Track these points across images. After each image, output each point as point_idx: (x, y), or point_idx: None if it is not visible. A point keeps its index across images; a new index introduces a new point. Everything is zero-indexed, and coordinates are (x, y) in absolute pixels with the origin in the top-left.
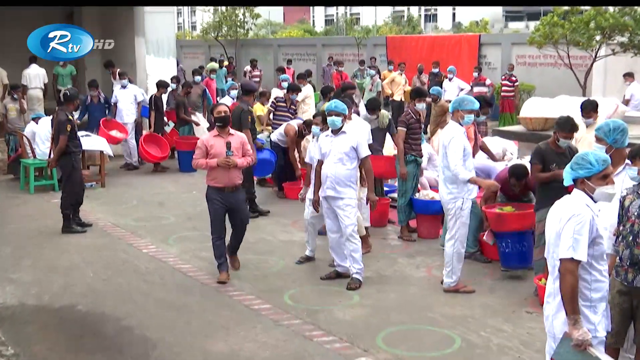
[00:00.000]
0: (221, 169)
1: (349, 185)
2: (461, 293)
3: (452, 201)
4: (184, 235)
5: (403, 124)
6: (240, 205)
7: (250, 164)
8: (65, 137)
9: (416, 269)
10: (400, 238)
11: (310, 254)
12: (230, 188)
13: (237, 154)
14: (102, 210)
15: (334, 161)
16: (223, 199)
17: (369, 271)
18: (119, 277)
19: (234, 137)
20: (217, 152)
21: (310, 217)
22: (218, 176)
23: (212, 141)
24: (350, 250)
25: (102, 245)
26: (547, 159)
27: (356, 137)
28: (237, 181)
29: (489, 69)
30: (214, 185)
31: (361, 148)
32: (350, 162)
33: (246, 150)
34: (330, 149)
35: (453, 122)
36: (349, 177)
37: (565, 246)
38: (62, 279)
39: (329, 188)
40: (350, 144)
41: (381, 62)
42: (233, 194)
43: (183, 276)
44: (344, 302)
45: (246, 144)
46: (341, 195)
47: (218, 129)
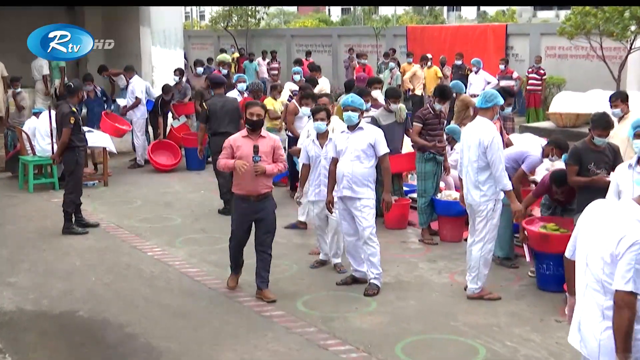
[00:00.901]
0: (246, 175)
1: (366, 185)
2: (486, 300)
3: (484, 203)
4: (192, 237)
5: (419, 119)
6: (267, 216)
7: (281, 172)
8: (69, 130)
9: (438, 274)
10: (420, 241)
11: (324, 257)
12: (255, 196)
13: (267, 159)
14: (105, 210)
15: (351, 159)
16: (248, 208)
17: (388, 276)
18: (123, 282)
19: (265, 140)
20: (243, 155)
21: (316, 220)
22: (242, 182)
23: (239, 142)
24: (368, 254)
25: (104, 248)
26: (584, 159)
27: (374, 133)
28: (263, 190)
29: (516, 61)
30: (238, 192)
31: (379, 145)
32: (368, 160)
33: (278, 155)
34: (346, 146)
35: (484, 119)
36: (367, 176)
37: (625, 277)
38: (62, 284)
39: (345, 188)
40: (368, 141)
41: (401, 54)
42: (259, 203)
43: (190, 281)
44: (360, 309)
45: (279, 148)
46: (358, 196)
47: (248, 130)
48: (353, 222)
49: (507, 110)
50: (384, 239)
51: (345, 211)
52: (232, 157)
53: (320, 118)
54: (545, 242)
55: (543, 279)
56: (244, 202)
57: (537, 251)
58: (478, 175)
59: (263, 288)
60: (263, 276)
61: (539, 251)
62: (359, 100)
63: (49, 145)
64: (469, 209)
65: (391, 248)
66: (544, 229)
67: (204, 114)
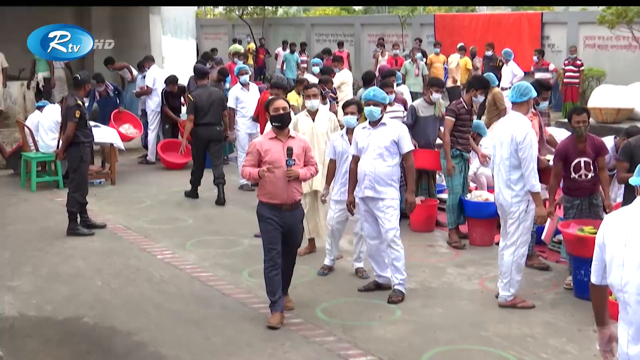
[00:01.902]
0: (277, 181)
1: (390, 184)
2: (519, 308)
3: (516, 204)
4: (204, 239)
5: (452, 113)
6: (297, 227)
7: (313, 176)
8: (74, 125)
9: (467, 280)
10: (449, 244)
11: (331, 263)
12: (288, 205)
13: (299, 162)
14: (112, 210)
15: (373, 157)
16: (280, 218)
17: (413, 282)
18: (131, 287)
19: (295, 141)
20: (273, 159)
21: (335, 222)
22: (274, 191)
23: (267, 145)
24: (392, 258)
25: (111, 250)
26: (636, 156)
27: (398, 129)
28: (297, 197)
29: (552, 52)
30: (269, 202)
31: (403, 142)
32: (392, 158)
33: (309, 158)
34: (368, 143)
35: (518, 114)
36: (390, 175)
37: None
38: (66, 288)
39: (367, 188)
40: (391, 138)
41: (428, 44)
42: (292, 212)
43: (202, 286)
44: (384, 317)
45: (309, 150)
46: (381, 196)
47: (275, 129)
48: (376, 225)
49: (542, 104)
50: (409, 242)
51: (367, 213)
52: (260, 164)
53: (350, 112)
54: (582, 246)
55: (580, 286)
56: (275, 212)
57: (574, 256)
58: (510, 174)
59: (285, 294)
60: (287, 284)
61: (576, 256)
62: (381, 94)
63: (53, 141)
64: (500, 209)
65: (417, 252)
66: (581, 232)
67: (191, 105)
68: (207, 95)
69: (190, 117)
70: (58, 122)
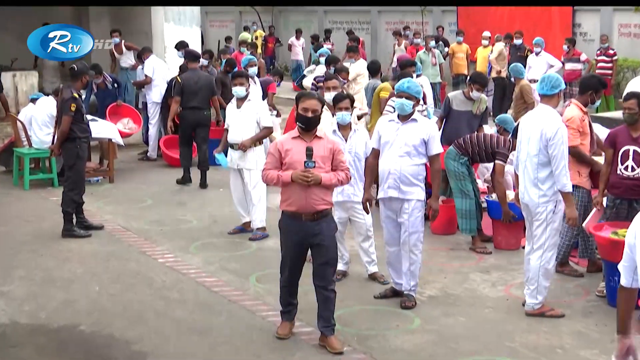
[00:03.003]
0: (297, 187)
1: (416, 184)
2: (547, 317)
3: (543, 204)
4: (209, 242)
5: (505, 157)
6: (325, 241)
7: (343, 183)
8: (69, 118)
9: (492, 287)
10: (472, 249)
11: (344, 267)
12: (309, 215)
13: (324, 166)
14: (110, 210)
15: (399, 154)
16: (300, 229)
17: (434, 289)
18: (130, 292)
19: (322, 142)
20: (293, 161)
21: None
22: (292, 196)
23: (289, 144)
24: (410, 263)
25: (109, 253)
26: None
27: (429, 128)
28: (320, 206)
29: (584, 40)
30: (287, 209)
31: (433, 142)
32: (419, 157)
33: (338, 162)
34: (394, 138)
35: (548, 107)
36: (417, 174)
37: None
38: (61, 294)
39: (391, 188)
40: (421, 136)
41: (450, 33)
42: (314, 224)
43: (207, 292)
44: (402, 326)
45: (339, 152)
46: (407, 197)
47: (301, 130)
48: (397, 230)
49: (596, 103)
50: (428, 245)
51: (388, 218)
52: (281, 166)
53: (344, 107)
54: (616, 250)
55: (614, 293)
56: (294, 222)
57: (607, 261)
58: (538, 172)
59: (328, 335)
60: (326, 318)
61: (609, 261)
62: (416, 86)
63: (47, 136)
64: (525, 210)
65: (437, 256)
66: (615, 235)
67: (178, 88)
68: (196, 79)
69: (176, 99)
70: (53, 116)
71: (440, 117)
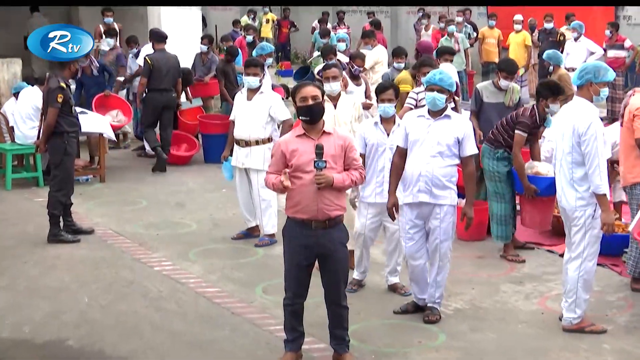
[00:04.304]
0: (306, 191)
1: (449, 187)
2: (587, 333)
3: (581, 208)
4: (210, 248)
5: (526, 127)
6: (334, 251)
7: (357, 184)
8: (56, 111)
9: (525, 299)
10: (503, 257)
11: (361, 277)
12: (320, 222)
13: (335, 165)
14: (101, 213)
15: (431, 154)
16: (308, 238)
17: (460, 301)
18: (123, 304)
19: (331, 138)
20: (301, 163)
21: (368, 230)
22: (301, 201)
23: (294, 144)
24: (437, 272)
25: (100, 260)
26: None
27: (464, 126)
28: (333, 211)
29: (628, 25)
30: (296, 216)
31: (468, 142)
32: (451, 158)
33: (351, 160)
34: (424, 137)
35: (581, 100)
36: (450, 175)
37: None
38: (47, 305)
39: (422, 192)
40: (455, 135)
41: (479, 16)
42: (324, 232)
43: (208, 303)
44: (425, 342)
45: (351, 149)
46: (439, 201)
47: (305, 124)
48: (424, 241)
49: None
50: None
51: (415, 226)
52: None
53: (387, 99)
54: None
55: None
56: (302, 230)
57: None
58: (573, 172)
59: (342, 352)
60: (339, 336)
61: None
62: (449, 78)
63: (32, 131)
64: (563, 214)
65: (464, 264)
66: None
67: (147, 68)
68: (165, 61)
69: (142, 81)
70: (38, 109)
71: (472, 112)
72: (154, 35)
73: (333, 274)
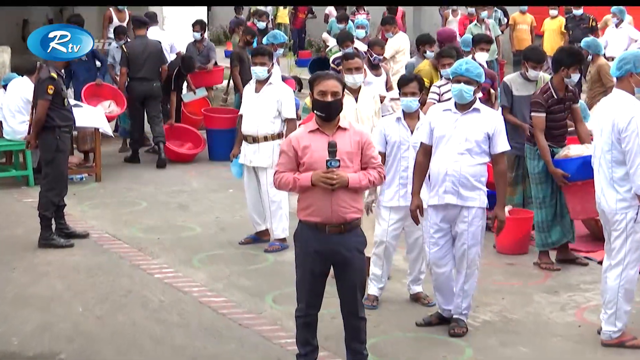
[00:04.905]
0: (319, 192)
1: (478, 187)
2: (628, 348)
3: (622, 211)
4: (216, 254)
5: (540, 107)
6: (354, 258)
7: (375, 184)
8: (46, 103)
9: (560, 310)
10: (536, 264)
11: (379, 292)
12: (335, 226)
13: (351, 164)
14: (97, 215)
15: (459, 151)
16: (321, 244)
17: (489, 313)
18: (121, 314)
19: (347, 134)
20: (314, 160)
21: (390, 237)
22: (314, 204)
23: (306, 140)
24: (464, 280)
25: (96, 267)
26: None
27: (494, 120)
28: (349, 214)
29: None
30: (308, 219)
31: (499, 138)
32: (481, 156)
33: (369, 158)
34: (451, 132)
35: (622, 92)
36: (479, 175)
37: None
38: (38, 316)
39: (448, 193)
40: (485, 130)
41: None
42: (339, 237)
43: (214, 314)
44: (450, 357)
45: (369, 146)
46: (467, 203)
47: (319, 120)
48: (449, 246)
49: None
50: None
51: (441, 230)
52: (297, 167)
53: (410, 92)
54: None
55: None
56: (316, 235)
57: None
58: (613, 171)
59: None
60: (356, 350)
61: None
62: (476, 68)
63: (22, 125)
64: (602, 218)
65: (494, 272)
66: None
67: (124, 57)
68: (143, 48)
69: (122, 70)
70: (28, 101)
71: (504, 108)
72: (134, 22)
73: (349, 283)
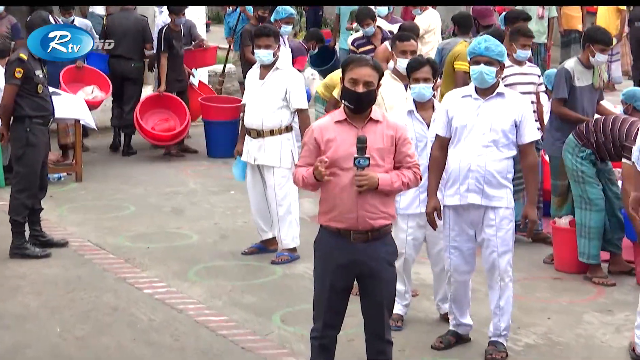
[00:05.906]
0: (344, 193)
1: (505, 185)
2: None
3: None
4: (215, 265)
5: None
6: (383, 272)
7: (410, 187)
8: (14, 89)
9: (615, 332)
10: (587, 279)
11: (403, 311)
12: (360, 234)
13: (383, 163)
14: (77, 220)
15: (483, 144)
16: (345, 254)
17: (533, 335)
18: (104, 335)
19: (379, 127)
20: (338, 156)
21: (410, 248)
22: (337, 207)
23: (331, 132)
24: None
25: (76, 281)
26: None
27: (521, 106)
28: (378, 220)
29: None
30: (330, 225)
31: (527, 125)
32: (508, 148)
33: (404, 156)
34: (473, 121)
35: None
36: (505, 171)
37: None
38: (9, 336)
39: (471, 191)
40: (512, 117)
41: None
42: (367, 245)
43: (212, 336)
44: None
45: (405, 142)
46: (493, 203)
47: (348, 111)
48: (471, 251)
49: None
50: (524, 272)
51: (462, 233)
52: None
53: (422, 77)
54: None
55: None
56: (339, 243)
57: None
58: None
59: None
60: None
61: None
62: (497, 46)
63: None
64: None
65: (538, 288)
66: None
67: (102, 31)
68: (123, 21)
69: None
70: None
71: (560, 100)
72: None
73: (376, 299)
